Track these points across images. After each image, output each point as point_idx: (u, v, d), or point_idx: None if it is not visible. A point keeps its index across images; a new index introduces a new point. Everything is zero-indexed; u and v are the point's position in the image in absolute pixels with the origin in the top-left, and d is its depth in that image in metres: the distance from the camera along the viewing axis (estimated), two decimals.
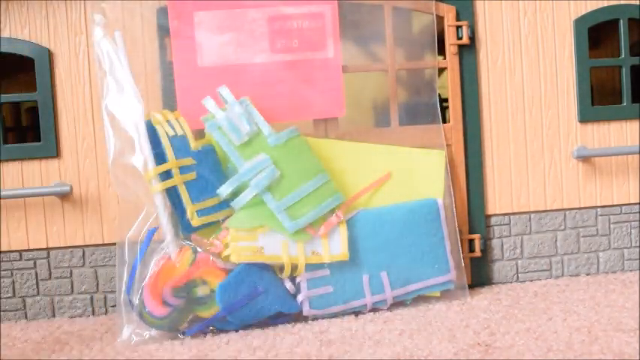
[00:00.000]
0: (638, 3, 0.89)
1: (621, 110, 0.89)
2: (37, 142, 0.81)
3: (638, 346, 0.60)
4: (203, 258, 0.72)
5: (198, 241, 0.73)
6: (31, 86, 0.81)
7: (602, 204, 0.89)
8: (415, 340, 0.65)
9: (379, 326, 0.71)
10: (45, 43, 0.81)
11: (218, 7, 0.79)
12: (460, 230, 0.84)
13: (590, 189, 0.89)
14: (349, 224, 0.76)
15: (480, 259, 0.86)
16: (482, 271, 0.86)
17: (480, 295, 0.82)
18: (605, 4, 0.88)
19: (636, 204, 0.90)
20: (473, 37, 0.86)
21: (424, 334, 0.67)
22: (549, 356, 0.58)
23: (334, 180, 0.78)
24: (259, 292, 0.72)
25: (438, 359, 0.59)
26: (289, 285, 0.74)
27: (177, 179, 0.72)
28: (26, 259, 0.81)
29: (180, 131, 0.74)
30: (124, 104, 0.73)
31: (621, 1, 0.89)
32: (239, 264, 0.72)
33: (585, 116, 0.88)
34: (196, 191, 0.73)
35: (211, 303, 0.71)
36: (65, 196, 0.81)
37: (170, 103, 0.80)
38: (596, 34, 0.94)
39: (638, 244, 0.90)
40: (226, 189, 0.73)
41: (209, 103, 0.75)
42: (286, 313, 0.74)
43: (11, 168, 0.81)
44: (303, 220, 0.73)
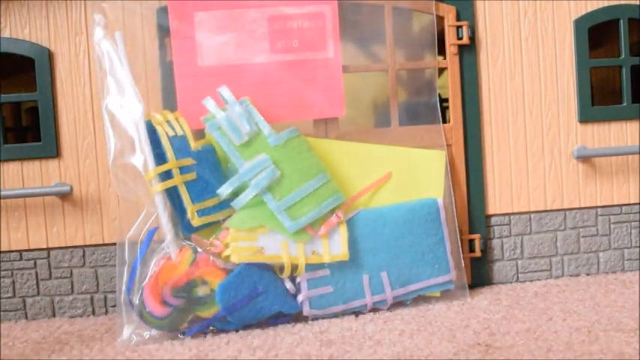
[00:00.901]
0: (638, 3, 0.89)
1: (621, 110, 0.89)
2: (38, 142, 0.81)
3: (638, 346, 0.60)
4: (203, 258, 0.72)
5: (198, 241, 0.72)
6: (31, 86, 0.81)
7: (602, 204, 0.89)
8: (415, 340, 0.65)
9: (379, 326, 0.71)
10: (45, 43, 0.81)
11: (218, 7, 0.79)
12: (460, 230, 0.84)
13: (591, 189, 0.89)
14: (349, 224, 0.76)
15: (480, 259, 0.86)
16: (482, 271, 0.86)
17: (480, 295, 0.82)
18: (605, 4, 0.88)
19: (636, 204, 0.90)
20: (473, 37, 0.86)
21: (424, 334, 0.67)
22: (549, 356, 0.58)
23: (334, 180, 0.78)
24: (259, 292, 0.72)
25: (437, 359, 0.59)
26: (289, 285, 0.74)
27: (178, 179, 0.72)
28: (26, 259, 0.81)
29: (180, 131, 0.75)
30: (124, 104, 0.73)
31: (621, 1, 0.89)
32: (239, 264, 0.72)
33: (585, 116, 0.88)
34: (196, 191, 0.73)
35: (211, 303, 0.71)
36: (65, 196, 0.81)
37: (170, 103, 0.80)
38: (597, 34, 0.93)
39: (638, 244, 0.90)
40: (226, 189, 0.73)
41: (209, 103, 0.75)
42: (286, 313, 0.74)
43: (11, 168, 0.81)
44: (303, 220, 0.73)
